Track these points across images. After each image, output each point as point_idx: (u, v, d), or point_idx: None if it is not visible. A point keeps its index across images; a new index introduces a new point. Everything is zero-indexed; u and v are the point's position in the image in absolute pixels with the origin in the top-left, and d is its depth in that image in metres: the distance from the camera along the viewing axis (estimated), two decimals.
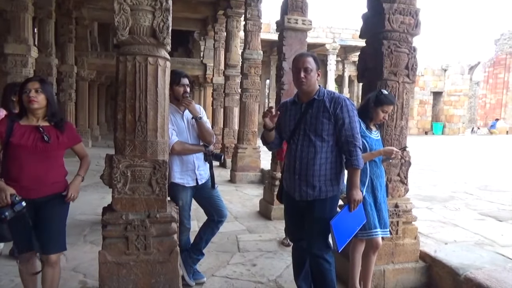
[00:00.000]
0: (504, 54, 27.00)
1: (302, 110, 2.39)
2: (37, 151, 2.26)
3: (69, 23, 10.91)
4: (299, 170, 2.37)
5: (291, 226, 2.67)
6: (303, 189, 2.38)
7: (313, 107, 2.35)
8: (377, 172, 2.74)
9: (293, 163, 2.41)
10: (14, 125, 2.24)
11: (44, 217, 2.32)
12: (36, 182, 2.28)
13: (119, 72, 2.50)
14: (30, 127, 2.28)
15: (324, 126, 2.32)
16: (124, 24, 2.40)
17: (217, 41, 11.63)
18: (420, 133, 25.68)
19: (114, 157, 2.51)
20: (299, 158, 2.36)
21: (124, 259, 2.52)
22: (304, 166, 2.35)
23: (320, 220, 2.38)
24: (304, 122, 2.37)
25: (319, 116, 2.33)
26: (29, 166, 2.25)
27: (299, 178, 2.38)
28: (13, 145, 2.22)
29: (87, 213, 4.90)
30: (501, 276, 2.69)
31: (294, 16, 5.03)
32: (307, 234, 2.44)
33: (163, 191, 2.58)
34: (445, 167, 9.87)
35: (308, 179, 2.35)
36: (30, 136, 2.25)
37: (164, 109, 2.58)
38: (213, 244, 3.82)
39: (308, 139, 2.35)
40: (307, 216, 2.43)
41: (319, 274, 2.42)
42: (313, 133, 2.33)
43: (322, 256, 2.38)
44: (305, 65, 2.31)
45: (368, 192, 2.68)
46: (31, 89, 2.25)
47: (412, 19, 2.94)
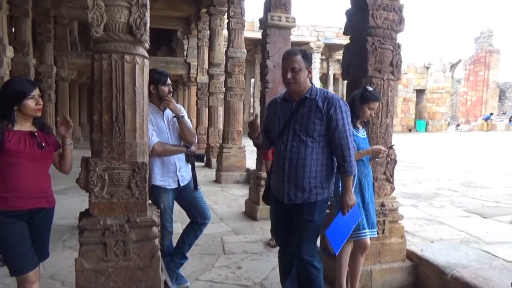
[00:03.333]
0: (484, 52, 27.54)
1: (292, 109, 2.28)
2: (35, 158, 2.10)
3: (47, 22, 10.62)
4: (288, 172, 2.25)
5: (278, 229, 2.57)
6: (292, 191, 2.26)
7: (305, 106, 2.24)
8: (365, 172, 2.70)
9: (282, 165, 2.28)
10: (4, 130, 2.03)
11: (36, 228, 2.18)
12: (35, 191, 2.12)
13: (95, 71, 2.39)
14: (24, 133, 2.09)
15: (315, 127, 2.21)
16: (98, 20, 2.29)
17: (201, 39, 11.52)
18: (404, 131, 26.00)
19: (90, 160, 2.40)
20: (289, 159, 2.24)
21: (102, 266, 2.41)
22: (294, 167, 2.23)
23: (309, 223, 2.29)
24: (294, 121, 2.25)
25: (311, 116, 2.21)
26: (27, 174, 2.07)
27: (288, 180, 2.26)
28: (9, 152, 2.02)
29: (67, 217, 4.74)
30: (487, 274, 2.67)
31: (277, 14, 4.97)
32: (295, 238, 2.34)
33: (143, 194, 2.48)
34: (429, 164, 9.97)
35: (298, 182, 2.24)
36: (27, 142, 2.08)
37: (143, 109, 2.48)
38: (198, 246, 3.73)
39: (299, 139, 2.23)
40: (295, 219, 2.33)
41: (307, 280, 2.33)
42: (304, 133, 2.21)
43: (310, 262, 2.30)
44: (292, 65, 2.20)
45: (356, 192, 2.63)
46: (35, 95, 2.08)
47: (396, 15, 2.90)
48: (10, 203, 2.04)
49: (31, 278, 2.11)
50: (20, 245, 2.07)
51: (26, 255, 2.09)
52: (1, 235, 2.02)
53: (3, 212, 2.03)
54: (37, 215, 2.17)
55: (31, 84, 2.11)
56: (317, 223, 2.33)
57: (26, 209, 2.09)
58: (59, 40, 12.02)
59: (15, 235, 2.06)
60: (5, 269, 2.11)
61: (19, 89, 2.06)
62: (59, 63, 12.16)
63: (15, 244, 2.06)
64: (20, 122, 2.10)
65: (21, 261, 2.08)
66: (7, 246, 2.05)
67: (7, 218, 2.04)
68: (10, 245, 2.05)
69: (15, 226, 2.06)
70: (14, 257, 2.07)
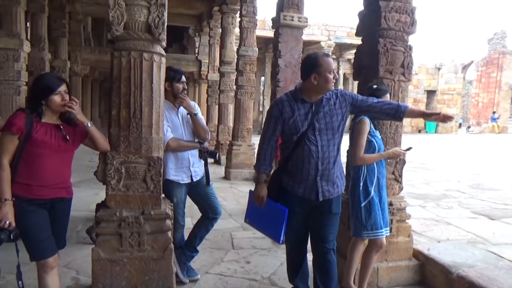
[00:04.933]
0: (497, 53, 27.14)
1: (313, 109, 2.33)
2: (60, 150, 2.20)
3: (62, 18, 10.76)
4: (322, 171, 2.32)
5: (297, 229, 2.47)
6: (325, 188, 2.34)
7: (324, 105, 2.34)
8: (383, 172, 2.76)
9: (314, 165, 2.30)
10: (33, 121, 2.13)
11: (56, 217, 2.28)
12: (57, 182, 2.21)
13: (114, 68, 2.48)
14: (51, 125, 2.19)
15: (340, 123, 2.36)
16: (119, 19, 2.38)
17: (212, 37, 11.57)
18: (414, 132, 25.83)
19: (108, 153, 2.49)
20: (321, 158, 2.30)
21: (117, 256, 2.51)
22: (327, 165, 2.32)
23: (336, 216, 2.47)
24: (318, 121, 2.31)
25: (333, 114, 2.34)
26: (51, 165, 2.17)
27: (321, 179, 2.33)
28: (36, 142, 2.11)
29: (81, 209, 4.85)
30: (492, 274, 2.71)
31: (290, 13, 5.03)
32: (321, 231, 2.44)
33: (158, 188, 2.57)
34: (438, 165, 9.93)
35: (330, 178, 2.35)
36: (52, 134, 2.18)
37: (159, 105, 2.57)
38: (208, 241, 3.81)
39: (327, 138, 2.32)
40: (321, 214, 2.42)
41: (328, 267, 2.44)
42: (330, 132, 2.32)
43: (334, 249, 2.46)
44: (333, 67, 2.32)
45: (376, 192, 2.68)
46: (61, 91, 2.16)
47: (408, 17, 2.94)
48: (34, 192, 2.14)
49: (51, 264, 2.21)
50: (42, 232, 2.17)
51: (47, 242, 2.19)
52: (24, 221, 2.11)
53: (27, 199, 2.12)
54: (58, 204, 2.27)
55: (59, 80, 2.20)
56: (339, 216, 2.52)
57: (48, 198, 2.19)
58: (73, 35, 12.15)
59: (38, 222, 2.16)
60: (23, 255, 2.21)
61: (47, 85, 2.15)
62: (72, 58, 12.29)
63: (37, 231, 2.16)
64: (48, 115, 2.19)
65: (42, 247, 2.18)
66: (29, 233, 2.14)
67: (31, 205, 2.14)
68: (33, 232, 2.15)
69: (38, 214, 2.16)
70: (36, 243, 2.17)
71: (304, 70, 2.33)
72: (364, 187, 2.67)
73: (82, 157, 7.48)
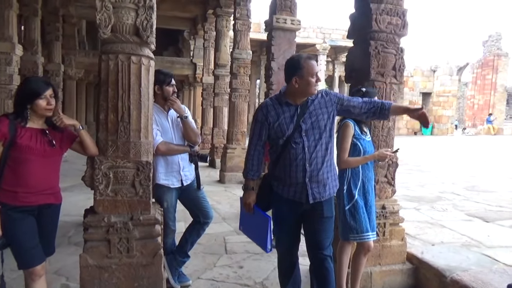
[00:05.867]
0: (492, 55, 27.28)
1: (298, 112, 2.30)
2: (46, 155, 2.15)
3: (56, 21, 10.73)
4: (310, 172, 2.26)
5: (287, 233, 2.43)
6: (315, 190, 2.29)
7: (310, 106, 2.30)
8: (369, 175, 2.73)
9: (301, 167, 2.26)
10: (17, 126, 2.08)
11: (44, 224, 2.23)
12: (44, 188, 2.17)
13: (101, 71, 2.45)
14: (36, 130, 2.15)
15: (327, 123, 2.30)
16: (106, 21, 2.34)
17: (207, 40, 11.57)
18: (410, 134, 25.86)
19: (96, 158, 2.45)
20: (309, 159, 2.26)
21: (106, 263, 2.46)
22: (315, 166, 2.27)
23: (329, 219, 2.37)
24: (304, 123, 2.28)
25: (319, 114, 2.29)
26: (37, 170, 2.13)
27: (310, 180, 2.27)
28: (21, 147, 2.07)
29: (72, 214, 4.80)
30: (487, 277, 2.69)
31: (282, 16, 5.01)
32: (315, 236, 2.37)
33: (147, 192, 2.53)
34: (433, 167, 9.94)
35: (319, 178, 2.28)
36: (38, 139, 2.13)
37: (148, 109, 2.53)
38: (200, 245, 3.77)
39: (313, 138, 2.27)
40: (314, 218, 2.36)
41: (326, 275, 2.37)
42: (317, 131, 2.27)
43: (330, 255, 2.39)
44: (317, 70, 2.28)
45: (360, 195, 2.66)
46: (47, 95, 2.12)
47: (399, 19, 2.93)
48: (20, 199, 2.10)
49: (39, 272, 2.17)
50: (29, 240, 2.13)
51: (35, 250, 2.15)
52: (11, 229, 2.07)
53: (14, 207, 2.08)
54: (46, 211, 2.23)
55: (45, 84, 2.15)
56: (333, 219, 2.42)
57: (36, 205, 2.15)
58: (67, 39, 12.12)
59: (25, 229, 2.11)
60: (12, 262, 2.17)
61: (32, 89, 2.11)
62: (66, 61, 12.25)
63: (25, 239, 2.12)
64: (33, 120, 2.15)
65: (29, 255, 2.13)
66: (16, 241, 2.10)
67: (17, 213, 2.10)
68: (20, 240, 2.11)
69: (25, 221, 2.12)
70: (23, 251, 2.12)
71: (287, 73, 2.30)
72: (348, 190, 2.65)
73: (75, 161, 7.43)
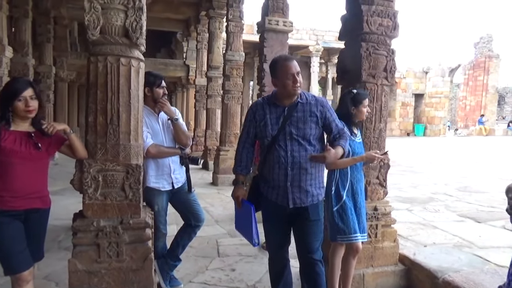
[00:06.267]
0: (483, 57, 27.53)
1: (285, 114, 2.28)
2: (32, 158, 2.11)
3: (47, 23, 10.63)
4: (292, 177, 2.24)
5: (274, 234, 2.46)
6: (296, 195, 2.27)
7: (298, 110, 2.27)
8: (357, 177, 2.72)
9: (283, 170, 2.25)
10: (0, 130, 2.05)
11: (32, 229, 2.19)
12: (30, 191, 2.13)
13: (90, 73, 2.42)
14: (20, 133, 2.10)
15: (312, 131, 2.26)
16: (95, 23, 2.31)
17: (200, 42, 11.55)
18: (403, 135, 26.00)
19: (84, 161, 2.42)
20: (291, 164, 2.24)
21: (95, 267, 2.43)
22: (297, 171, 2.25)
23: (315, 223, 2.34)
24: (289, 126, 2.25)
25: (307, 121, 2.26)
26: (23, 174, 2.09)
27: (291, 185, 2.26)
28: (5, 150, 2.03)
29: (63, 218, 4.73)
30: (478, 278, 2.70)
31: (275, 18, 5.01)
32: (303, 240, 2.37)
33: (137, 196, 2.50)
34: (426, 168, 9.98)
35: (301, 185, 2.26)
36: (23, 142, 2.09)
37: (138, 111, 2.51)
38: (192, 248, 3.75)
39: (297, 143, 2.25)
40: (300, 222, 2.34)
41: (316, 279, 2.36)
42: (301, 138, 2.25)
43: (320, 260, 2.38)
44: (298, 69, 2.23)
45: (349, 197, 2.65)
46: (26, 96, 2.07)
47: (390, 21, 2.93)
48: (6, 203, 2.06)
49: (26, 277, 2.12)
50: (16, 245, 2.09)
51: (21, 255, 2.10)
52: None
53: (0, 211, 2.05)
54: (33, 216, 2.18)
55: (23, 85, 2.10)
56: (322, 222, 2.40)
57: (22, 209, 2.11)
58: (59, 40, 12.02)
59: (11, 234, 2.07)
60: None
61: (10, 90, 2.08)
62: (58, 63, 12.14)
63: (11, 244, 2.08)
64: (17, 122, 2.12)
65: (16, 260, 2.09)
66: (3, 245, 2.06)
67: (4, 217, 2.06)
68: (6, 244, 2.07)
69: (11, 226, 2.08)
70: (9, 256, 2.08)
71: (270, 75, 2.34)
72: (337, 191, 2.65)
73: (66, 164, 7.36)
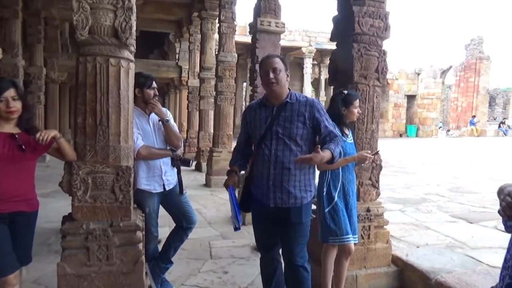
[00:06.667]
0: (474, 59, 27.82)
1: (273, 113, 2.28)
2: (14, 161, 2.06)
3: (37, 23, 10.51)
4: (274, 176, 2.24)
5: (262, 235, 2.48)
6: (277, 195, 2.25)
7: (286, 110, 2.26)
8: (349, 178, 2.71)
9: (266, 169, 2.26)
10: None
11: (18, 232, 2.14)
12: (14, 194, 2.08)
13: (79, 74, 2.39)
14: (3, 135, 2.06)
15: (298, 131, 2.23)
16: (83, 23, 2.28)
17: (192, 43, 11.51)
18: (395, 136, 26.14)
19: (73, 163, 2.38)
20: (274, 163, 2.24)
21: (84, 271, 2.39)
22: (279, 171, 2.23)
23: (297, 226, 2.30)
24: (276, 126, 2.25)
25: (294, 121, 2.24)
26: (6, 177, 2.04)
27: (273, 184, 2.25)
28: None
29: (53, 220, 4.67)
30: (470, 279, 2.70)
31: (267, 19, 5.00)
32: (285, 242, 2.34)
33: (127, 198, 2.47)
34: (418, 169, 10.03)
35: (284, 185, 2.24)
36: (6, 144, 2.05)
37: (128, 112, 2.47)
38: (185, 251, 3.72)
39: (283, 143, 2.24)
40: (283, 223, 2.32)
41: (298, 284, 2.32)
42: (287, 137, 2.23)
43: (302, 265, 2.32)
44: (273, 66, 2.22)
45: (340, 198, 2.64)
46: (7, 97, 2.03)
47: (381, 22, 2.93)
48: None
49: (11, 281, 2.08)
50: (1, 247, 2.04)
51: (7, 258, 2.06)
52: None
53: None
54: (18, 219, 2.14)
55: (4, 85, 2.06)
56: (305, 226, 2.34)
57: (6, 212, 2.07)
58: (49, 41, 11.91)
59: None
60: None
61: None
62: (49, 64, 12.03)
63: None
64: (1, 123, 2.07)
65: (1, 263, 2.05)
66: None
67: None
68: None
69: None
70: None
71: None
72: (328, 192, 2.63)
73: (57, 166, 7.27)
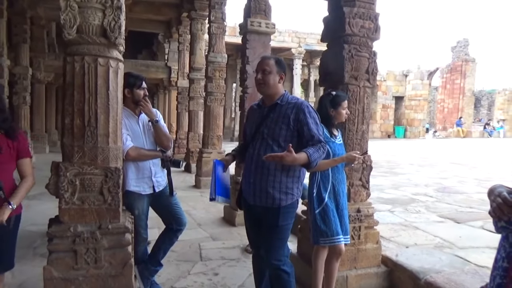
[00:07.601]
0: (460, 61, 28.22)
1: (264, 114, 2.34)
2: None
3: (23, 23, 10.35)
4: (254, 174, 2.31)
5: (249, 232, 2.55)
6: (257, 194, 2.30)
7: (275, 111, 2.30)
8: (339, 178, 2.71)
9: (249, 167, 2.36)
10: None
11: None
12: None
13: (67, 74, 2.34)
14: None
15: (281, 132, 2.25)
16: (71, 22, 2.24)
17: (182, 43, 11.43)
18: (383, 137, 26.37)
19: (61, 165, 2.33)
20: (255, 162, 2.29)
21: (72, 275, 2.34)
22: (259, 170, 2.28)
23: (273, 228, 2.29)
24: (264, 126, 2.31)
25: (278, 122, 2.27)
26: None
27: (253, 182, 2.31)
28: None
29: (39, 223, 4.59)
30: (459, 279, 2.72)
31: (257, 19, 4.98)
32: (263, 242, 2.34)
33: (116, 200, 2.43)
34: (406, 170, 10.12)
35: (262, 184, 2.27)
36: None
37: (117, 113, 2.43)
38: (174, 253, 3.68)
39: (266, 143, 2.28)
40: (263, 224, 2.35)
41: (278, 285, 2.33)
42: (270, 138, 2.27)
43: (278, 267, 2.30)
44: (263, 67, 2.28)
45: (331, 198, 2.65)
46: None
47: (372, 23, 2.95)
48: None
49: None
50: None
51: None
52: None
53: None
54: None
55: None
56: (282, 228, 2.31)
57: None
58: (35, 41, 11.74)
59: None
60: None
61: None
62: (35, 64, 11.85)
63: None
64: None
65: None
66: None
67: None
68: None
69: None
70: None
71: None
72: (318, 193, 2.64)
73: (44, 167, 7.14)
